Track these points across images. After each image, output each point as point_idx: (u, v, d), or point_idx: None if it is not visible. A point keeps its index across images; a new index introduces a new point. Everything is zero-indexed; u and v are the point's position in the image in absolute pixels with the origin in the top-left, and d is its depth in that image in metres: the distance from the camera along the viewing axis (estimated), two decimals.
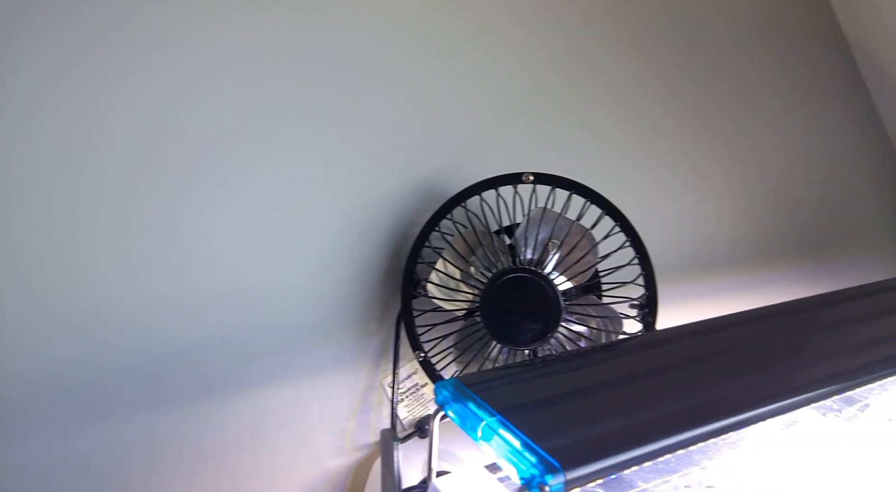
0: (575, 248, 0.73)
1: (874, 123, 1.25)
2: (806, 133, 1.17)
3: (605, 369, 0.60)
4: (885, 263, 1.32)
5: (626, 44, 0.95)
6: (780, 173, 1.14)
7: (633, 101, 0.96)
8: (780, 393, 0.55)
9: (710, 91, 1.04)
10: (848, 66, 1.20)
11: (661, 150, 1.00)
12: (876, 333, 0.67)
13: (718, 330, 0.68)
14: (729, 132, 1.07)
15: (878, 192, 1.30)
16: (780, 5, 1.11)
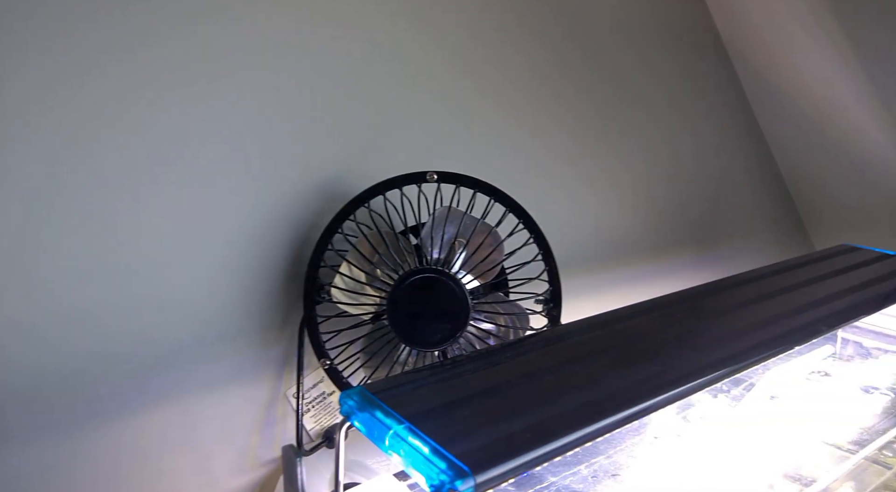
0: (481, 246, 0.73)
1: (750, 122, 1.35)
2: (690, 131, 1.24)
3: (513, 367, 0.60)
4: (764, 250, 1.43)
5: (523, 44, 0.96)
6: (669, 170, 1.21)
7: (534, 102, 0.98)
8: (677, 380, 0.57)
9: (605, 91, 1.08)
10: (725, 69, 1.29)
11: (561, 148, 1.02)
12: (758, 316, 0.71)
13: (618, 321, 0.70)
14: (623, 131, 1.11)
15: (757, 186, 1.40)
16: (664, 10, 1.17)
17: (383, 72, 0.82)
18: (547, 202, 1.00)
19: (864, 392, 0.76)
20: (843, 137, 1.26)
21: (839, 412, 0.72)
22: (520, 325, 0.76)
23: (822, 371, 0.81)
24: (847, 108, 1.19)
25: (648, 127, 1.15)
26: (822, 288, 0.79)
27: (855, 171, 1.31)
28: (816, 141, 1.31)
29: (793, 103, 1.27)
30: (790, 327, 0.68)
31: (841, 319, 0.72)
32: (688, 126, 1.23)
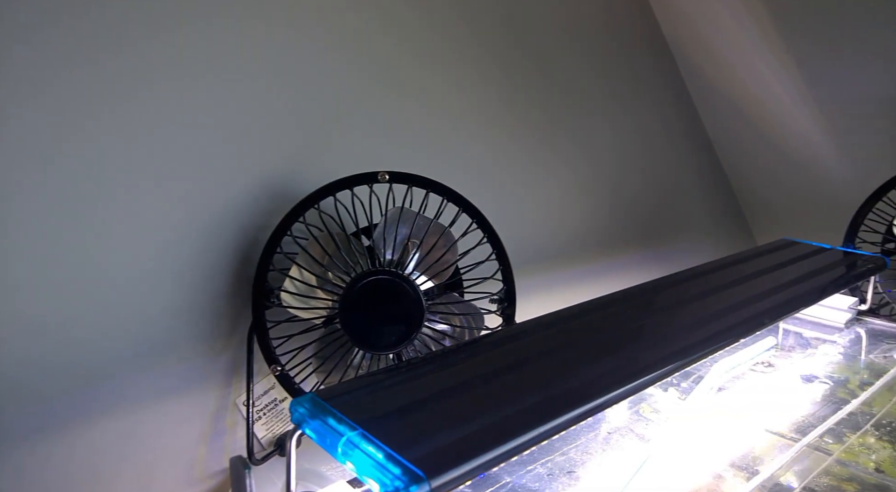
0: (434, 247, 0.73)
1: (695, 122, 1.39)
2: (637, 132, 1.26)
3: (469, 368, 0.60)
4: (710, 246, 1.47)
5: (474, 48, 0.96)
6: (617, 169, 1.23)
7: (485, 104, 0.98)
8: (629, 375, 0.58)
9: (554, 93, 1.09)
10: (671, 70, 1.32)
11: (513, 149, 1.03)
12: (705, 311, 0.73)
13: (571, 319, 0.70)
14: (572, 132, 1.13)
15: (702, 184, 1.44)
16: (610, 13, 1.19)
17: (335, 71, 0.80)
18: (499, 202, 1.00)
19: (804, 381, 0.78)
20: (782, 137, 1.31)
21: (782, 402, 0.74)
22: (475, 325, 0.76)
23: (765, 362, 0.84)
24: (784, 109, 1.23)
25: (597, 128, 1.17)
26: (765, 282, 0.82)
27: (794, 169, 1.36)
28: (757, 140, 1.36)
29: (735, 104, 1.31)
30: (735, 321, 0.70)
31: (782, 311, 0.75)
32: (635, 127, 1.25)
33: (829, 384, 0.77)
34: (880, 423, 0.67)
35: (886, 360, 0.82)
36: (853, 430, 0.66)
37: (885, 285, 1.01)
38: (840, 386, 0.77)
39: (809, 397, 0.75)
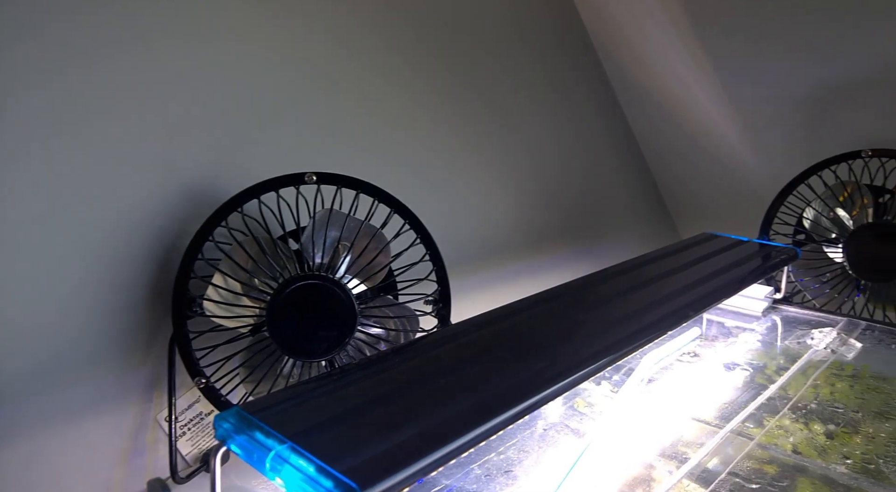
0: (366, 249, 0.71)
1: (620, 120, 1.43)
2: (565, 130, 1.29)
3: (404, 372, 0.59)
4: (637, 240, 1.52)
5: (403, 48, 0.95)
6: (547, 167, 1.25)
7: (416, 104, 0.97)
8: (563, 372, 0.58)
9: (482, 94, 1.09)
10: (596, 68, 1.35)
11: (443, 149, 1.02)
12: (634, 305, 0.75)
13: (506, 318, 0.70)
14: (502, 131, 1.13)
15: (628, 181, 1.48)
16: (536, 12, 1.20)
17: (259, 69, 0.77)
18: (432, 203, 0.99)
19: (727, 369, 0.82)
20: (702, 135, 1.36)
21: (707, 390, 0.77)
22: (410, 327, 0.75)
23: (691, 352, 0.87)
24: (703, 108, 1.29)
25: (526, 127, 1.18)
26: (688, 275, 0.85)
27: (713, 165, 1.42)
28: (679, 138, 1.41)
29: (657, 102, 1.36)
30: (662, 314, 0.72)
31: (706, 303, 0.78)
32: (562, 125, 1.27)
33: (749, 371, 0.81)
34: (796, 406, 0.71)
35: (800, 345, 0.86)
36: (772, 414, 0.69)
37: (797, 274, 1.07)
38: (759, 372, 0.80)
39: (731, 383, 0.78)
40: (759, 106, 1.21)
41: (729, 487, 0.57)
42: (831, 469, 0.59)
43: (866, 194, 1.01)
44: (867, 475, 0.57)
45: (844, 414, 0.69)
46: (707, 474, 0.60)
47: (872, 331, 0.89)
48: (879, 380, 0.76)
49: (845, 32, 1.00)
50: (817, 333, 0.89)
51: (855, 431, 0.65)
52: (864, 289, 1.02)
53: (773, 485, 0.57)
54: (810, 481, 0.57)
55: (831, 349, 0.84)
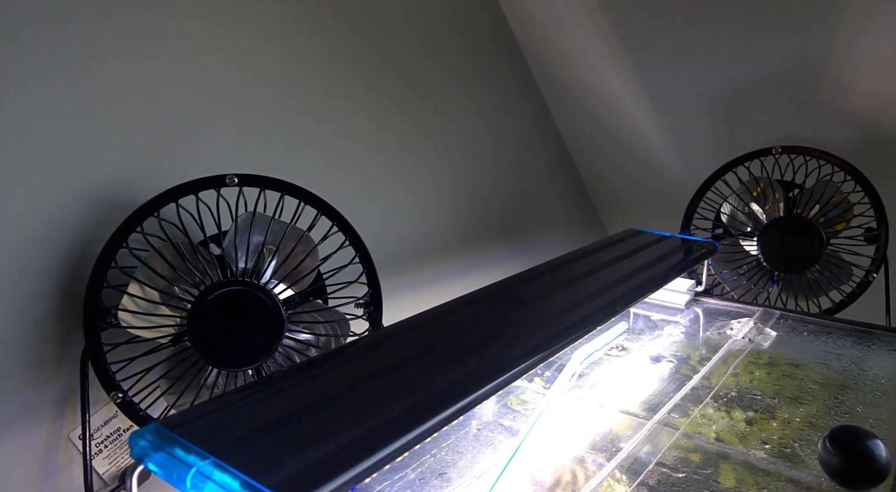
0: (293, 252, 0.69)
1: (546, 118, 1.46)
2: (493, 129, 1.30)
3: (335, 378, 0.57)
4: (567, 237, 1.55)
5: (328, 47, 0.93)
6: (476, 167, 1.25)
7: (342, 103, 0.95)
8: (497, 371, 0.58)
9: (413, 95, 1.08)
10: (522, 67, 1.37)
11: (372, 149, 1.01)
12: (564, 302, 0.76)
13: (438, 318, 0.70)
14: (431, 132, 1.13)
15: (556, 179, 1.51)
16: (464, 18, 1.21)
17: (178, 66, 0.73)
18: (361, 203, 0.98)
19: (653, 362, 0.85)
20: (625, 133, 1.41)
21: (635, 382, 0.79)
22: (341, 332, 0.74)
23: (619, 346, 0.89)
24: (626, 107, 1.33)
25: (454, 127, 1.18)
26: (615, 270, 0.87)
27: (636, 163, 1.47)
28: (604, 137, 1.45)
29: (582, 102, 1.39)
30: (591, 310, 0.73)
31: (632, 297, 0.80)
32: (491, 125, 1.28)
33: (674, 362, 0.84)
34: (718, 395, 0.74)
35: (720, 336, 0.90)
36: (696, 403, 0.72)
37: (717, 267, 1.12)
38: (683, 363, 0.83)
39: (658, 375, 0.81)
40: (678, 105, 1.26)
41: (657, 477, 0.59)
42: (751, 455, 0.61)
43: (777, 189, 1.07)
44: (784, 459, 0.60)
45: (762, 401, 0.72)
46: (636, 465, 0.61)
47: (786, 319, 0.94)
48: (793, 366, 0.80)
49: (757, 36, 1.05)
50: (736, 324, 0.93)
51: (772, 417, 0.69)
52: (777, 279, 1.08)
53: (698, 473, 0.59)
54: (732, 468, 0.60)
55: (749, 339, 0.88)
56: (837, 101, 1.08)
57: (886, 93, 1.02)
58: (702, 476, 0.58)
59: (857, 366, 0.79)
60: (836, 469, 0.54)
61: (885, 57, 0.96)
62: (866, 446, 0.52)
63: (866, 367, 0.79)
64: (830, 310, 1.05)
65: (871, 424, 0.65)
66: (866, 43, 0.96)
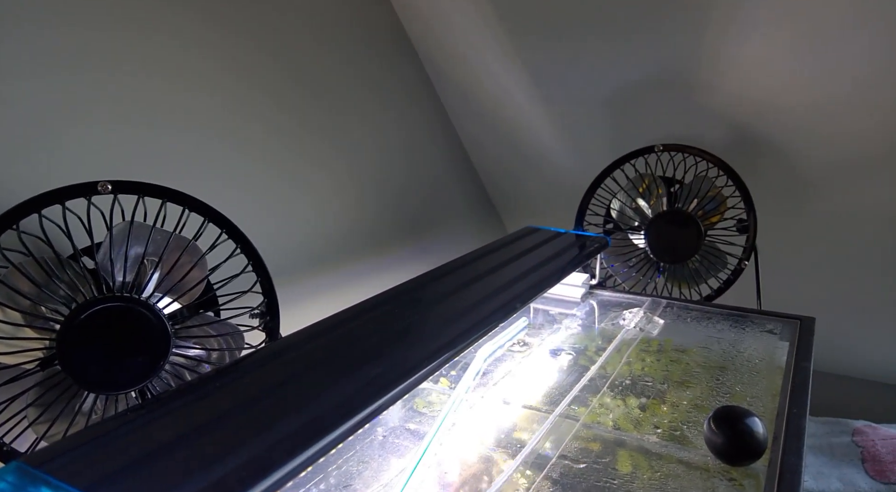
0: (178, 263, 0.65)
1: (445, 120, 1.46)
2: (393, 133, 1.29)
3: (228, 395, 0.54)
4: (468, 237, 1.57)
5: (221, 43, 0.88)
6: (379, 170, 1.24)
7: (232, 104, 0.90)
8: (401, 376, 0.57)
9: (308, 98, 1.05)
10: (418, 73, 1.37)
11: (266, 152, 0.97)
12: (465, 302, 0.76)
13: (340, 326, 0.68)
14: (333, 134, 1.10)
15: (456, 180, 1.53)
16: (359, 19, 1.19)
17: (42, 61, 0.66)
18: (254, 209, 0.93)
19: (553, 355, 0.87)
20: (520, 133, 1.44)
21: (536, 377, 0.81)
22: (235, 345, 0.70)
23: (521, 342, 0.91)
24: (520, 107, 1.36)
25: (352, 129, 1.16)
26: (514, 268, 0.89)
27: (532, 161, 1.51)
28: (500, 137, 1.48)
29: (478, 103, 1.41)
30: (492, 308, 0.74)
31: (531, 294, 0.81)
32: (389, 127, 1.27)
33: (572, 355, 0.87)
34: (613, 384, 0.77)
35: (614, 326, 0.95)
36: (594, 394, 0.75)
37: (609, 261, 1.18)
38: (581, 355, 0.86)
39: (558, 368, 0.83)
40: (568, 106, 1.30)
41: (560, 469, 0.60)
42: (645, 440, 0.65)
43: (660, 185, 1.13)
44: (674, 442, 0.64)
45: (654, 387, 0.76)
46: (540, 459, 0.62)
47: (672, 307, 1.00)
48: (680, 352, 0.85)
49: (637, 40, 1.11)
50: (628, 314, 0.98)
51: (663, 401, 0.72)
52: (663, 270, 1.15)
53: (598, 462, 0.61)
54: (628, 454, 0.62)
55: (640, 328, 0.93)
56: (709, 101, 1.16)
57: (750, 93, 1.11)
58: (601, 465, 0.61)
59: (734, 348, 0.85)
60: (720, 448, 0.58)
61: (747, 60, 1.04)
62: (746, 424, 0.56)
63: (742, 348, 0.85)
64: (710, 296, 1.12)
65: (749, 402, 0.71)
66: (730, 47, 1.03)
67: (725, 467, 0.58)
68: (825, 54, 0.98)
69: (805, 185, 1.21)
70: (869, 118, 1.04)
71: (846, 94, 1.02)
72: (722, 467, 0.58)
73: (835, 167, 1.15)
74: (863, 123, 1.05)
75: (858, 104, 1.03)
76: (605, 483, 0.57)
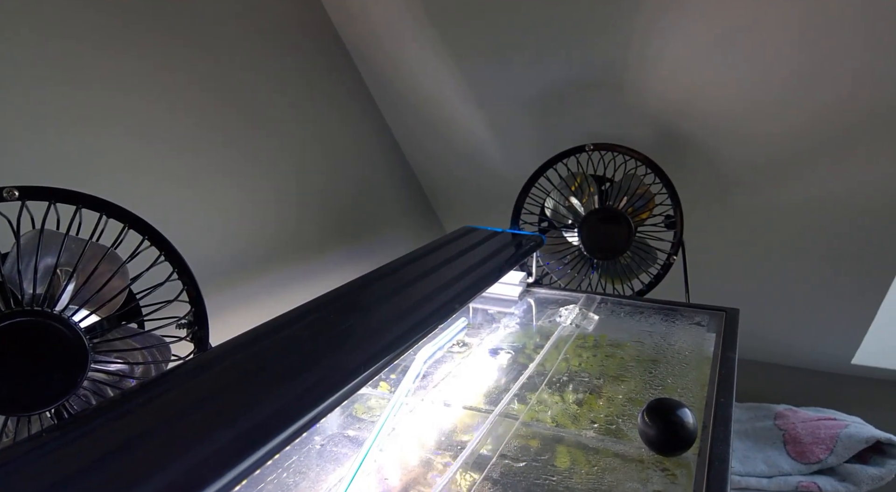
0: (95, 273, 0.61)
1: (380, 121, 1.45)
2: (329, 135, 1.26)
3: (153, 411, 0.51)
4: (407, 238, 1.56)
5: (140, 40, 0.83)
6: (312, 171, 1.21)
7: (157, 104, 0.86)
8: (338, 382, 0.56)
9: (242, 97, 1.01)
10: (352, 74, 1.35)
11: (192, 154, 0.93)
12: (404, 304, 0.76)
13: (274, 332, 0.66)
14: (265, 137, 1.07)
15: (394, 181, 1.51)
16: (287, 18, 1.16)
17: None
18: (180, 214, 0.90)
19: (492, 354, 0.87)
20: (456, 134, 1.44)
21: (476, 377, 0.81)
22: (161, 357, 0.66)
23: (460, 342, 0.91)
24: (455, 108, 1.36)
25: (284, 131, 1.13)
26: (452, 268, 0.88)
27: (468, 162, 1.52)
28: (436, 138, 1.48)
29: (413, 104, 1.40)
30: (431, 309, 0.74)
31: (470, 293, 0.82)
32: (323, 127, 1.25)
33: (511, 353, 0.87)
34: (552, 380, 0.78)
35: (551, 323, 0.96)
36: (532, 391, 0.75)
37: (544, 259, 1.19)
38: (520, 353, 0.87)
39: (497, 367, 0.84)
40: (501, 106, 1.32)
41: (500, 469, 0.60)
42: (583, 435, 0.66)
43: (592, 184, 1.16)
44: (611, 436, 0.65)
45: (590, 382, 0.77)
46: (481, 459, 0.62)
47: (606, 303, 1.02)
48: (615, 347, 0.87)
49: (566, 40, 1.13)
50: (564, 311, 0.99)
51: (599, 396, 0.74)
52: (596, 266, 1.18)
53: (537, 460, 0.61)
54: (567, 449, 0.63)
55: (576, 324, 0.95)
56: (636, 101, 1.20)
57: (674, 93, 1.15)
58: (540, 462, 0.61)
59: (665, 341, 0.88)
60: (653, 440, 0.59)
61: (670, 60, 1.08)
62: (677, 416, 0.58)
63: (672, 341, 0.88)
64: (641, 291, 1.16)
65: (680, 393, 0.73)
66: (655, 47, 1.07)
67: (659, 458, 0.60)
68: (745, 56, 1.02)
69: (728, 181, 1.27)
70: (786, 118, 1.10)
71: (764, 96, 1.08)
72: (656, 459, 0.60)
73: (754, 165, 1.21)
74: (780, 122, 1.11)
75: (776, 105, 1.09)
76: (545, 480, 0.58)
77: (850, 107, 1.02)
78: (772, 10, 0.93)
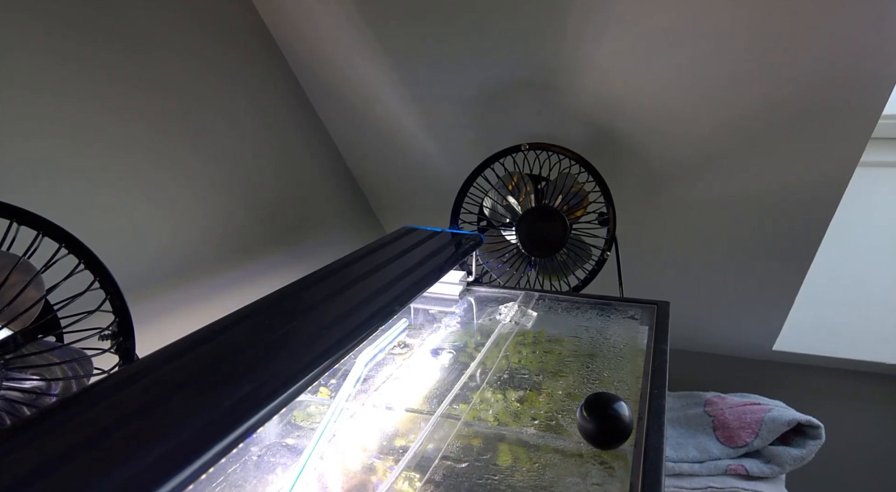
0: (6, 284, 0.57)
1: (315, 121, 1.42)
2: (263, 136, 1.23)
3: (71, 430, 0.48)
4: (346, 240, 1.54)
5: (73, 43, 0.78)
6: (247, 173, 1.17)
7: (81, 107, 0.81)
8: (275, 391, 0.54)
9: (169, 100, 0.97)
10: (285, 74, 1.31)
11: (121, 161, 0.88)
12: (342, 307, 0.74)
13: (206, 341, 0.63)
14: (195, 141, 1.03)
15: (331, 182, 1.49)
16: (218, 18, 1.12)
17: None
18: (101, 219, 0.85)
19: (434, 355, 0.87)
20: (394, 133, 1.43)
21: (418, 378, 0.81)
22: (82, 372, 0.63)
23: (401, 343, 0.90)
24: (392, 108, 1.35)
25: (216, 132, 1.09)
26: (392, 269, 0.88)
27: (407, 162, 1.51)
28: (373, 138, 1.46)
29: (349, 103, 1.38)
30: (371, 311, 0.73)
31: (411, 294, 0.81)
32: (256, 128, 1.21)
33: (453, 353, 0.87)
34: (492, 379, 0.78)
35: (491, 321, 0.97)
36: (474, 390, 0.76)
37: (484, 257, 1.20)
38: (461, 352, 0.87)
39: (439, 367, 0.83)
40: (437, 105, 1.31)
41: (442, 471, 0.60)
42: (524, 432, 0.66)
43: (528, 183, 1.17)
44: (551, 431, 0.66)
45: (530, 379, 0.78)
46: (424, 462, 0.62)
47: (544, 300, 1.04)
48: (554, 343, 0.89)
49: (500, 40, 1.14)
50: (503, 308, 1.00)
51: (539, 392, 0.75)
52: (534, 264, 1.19)
53: (479, 459, 0.62)
54: (508, 447, 0.64)
55: (515, 321, 0.96)
56: (569, 101, 1.22)
57: (604, 93, 1.18)
58: (482, 462, 0.61)
59: (601, 335, 0.90)
60: (591, 434, 0.60)
61: (601, 61, 1.11)
62: (613, 409, 0.60)
63: (608, 335, 0.90)
64: (578, 287, 1.18)
65: (616, 387, 0.75)
66: (586, 48, 1.09)
67: (597, 452, 0.61)
68: (674, 56, 1.06)
69: (658, 179, 1.31)
70: (713, 117, 1.14)
71: (692, 96, 1.12)
72: (594, 452, 0.61)
73: (682, 163, 1.26)
74: (708, 121, 1.16)
75: (704, 104, 1.13)
76: (487, 480, 0.58)
77: (774, 105, 1.08)
78: (701, 12, 0.97)
